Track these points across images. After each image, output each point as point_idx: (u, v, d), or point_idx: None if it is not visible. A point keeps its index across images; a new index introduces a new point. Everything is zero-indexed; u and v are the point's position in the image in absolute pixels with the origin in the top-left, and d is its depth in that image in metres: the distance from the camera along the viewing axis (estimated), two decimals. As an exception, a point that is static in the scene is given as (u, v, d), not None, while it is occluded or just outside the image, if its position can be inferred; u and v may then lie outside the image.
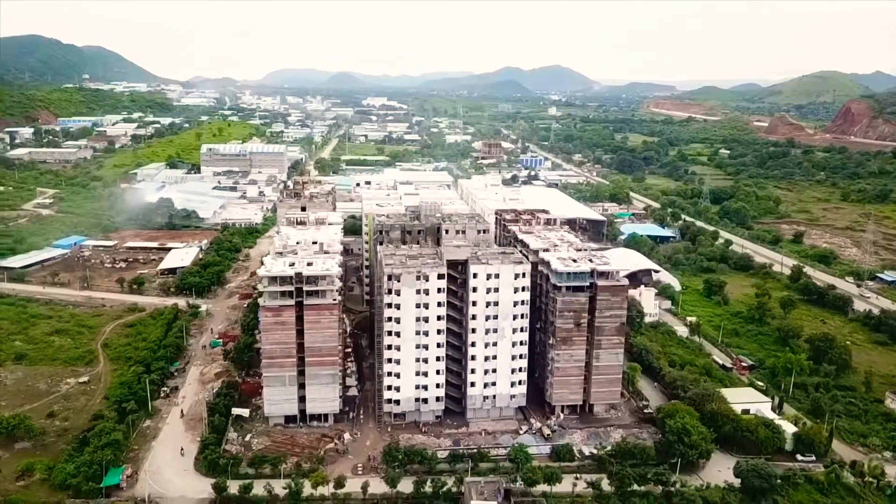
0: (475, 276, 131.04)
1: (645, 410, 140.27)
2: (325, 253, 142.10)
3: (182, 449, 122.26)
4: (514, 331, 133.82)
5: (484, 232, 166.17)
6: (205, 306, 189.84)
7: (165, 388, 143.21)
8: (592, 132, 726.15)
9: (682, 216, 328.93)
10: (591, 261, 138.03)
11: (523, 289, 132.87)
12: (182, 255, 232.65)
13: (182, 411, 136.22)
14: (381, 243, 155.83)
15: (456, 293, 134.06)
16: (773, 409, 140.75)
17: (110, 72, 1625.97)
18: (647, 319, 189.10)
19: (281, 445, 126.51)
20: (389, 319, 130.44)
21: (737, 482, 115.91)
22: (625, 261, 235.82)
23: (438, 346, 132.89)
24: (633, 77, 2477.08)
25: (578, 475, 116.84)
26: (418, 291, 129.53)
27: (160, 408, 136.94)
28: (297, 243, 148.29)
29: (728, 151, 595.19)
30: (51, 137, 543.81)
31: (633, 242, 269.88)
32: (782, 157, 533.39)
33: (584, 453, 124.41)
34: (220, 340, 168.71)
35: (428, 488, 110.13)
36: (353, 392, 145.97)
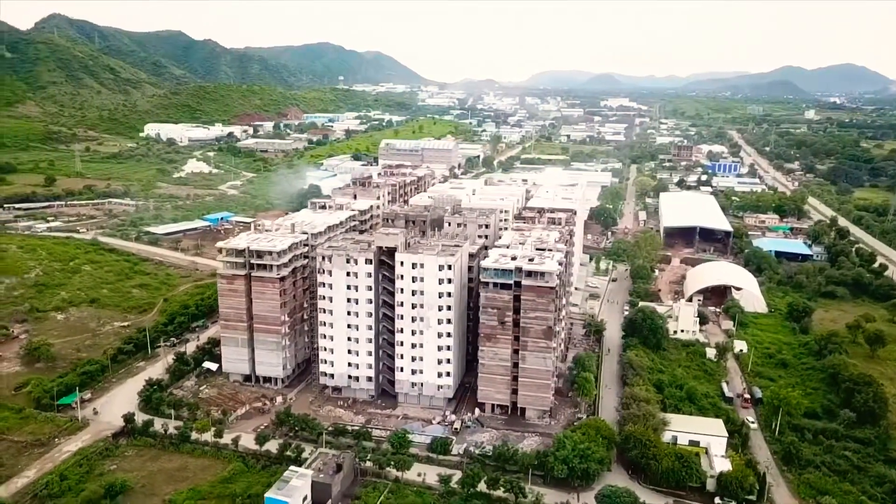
0: (402, 264, 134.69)
1: (574, 424, 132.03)
2: (302, 234, 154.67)
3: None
4: (440, 322, 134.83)
5: (486, 227, 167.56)
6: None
7: (173, 339, 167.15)
8: (834, 138, 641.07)
9: (851, 234, 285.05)
10: (531, 261, 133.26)
11: (449, 281, 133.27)
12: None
13: None
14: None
15: (393, 280, 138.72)
16: (729, 446, 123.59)
17: (382, 74, 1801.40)
18: (681, 336, 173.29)
19: (223, 398, 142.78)
20: (323, 298, 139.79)
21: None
22: (709, 274, 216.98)
23: (369, 328, 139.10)
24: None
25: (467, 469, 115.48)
26: (348, 274, 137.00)
27: (159, 354, 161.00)
28: (293, 224, 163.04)
29: None
30: (287, 131, 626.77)
31: (754, 257, 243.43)
32: None
33: (469, 451, 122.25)
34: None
35: (290, 452, 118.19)
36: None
